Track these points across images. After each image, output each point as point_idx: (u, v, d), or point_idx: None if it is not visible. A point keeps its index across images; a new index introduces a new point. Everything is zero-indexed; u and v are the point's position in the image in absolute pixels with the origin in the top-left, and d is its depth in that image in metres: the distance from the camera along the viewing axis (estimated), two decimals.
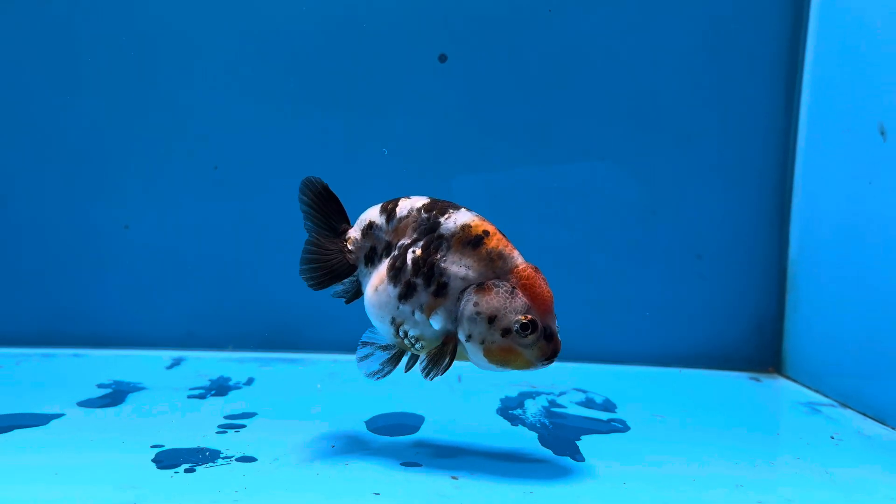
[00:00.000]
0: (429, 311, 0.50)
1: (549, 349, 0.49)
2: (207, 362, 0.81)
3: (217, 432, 0.58)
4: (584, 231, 0.87)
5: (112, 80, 0.84)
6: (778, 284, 0.86)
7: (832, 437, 0.61)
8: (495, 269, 0.49)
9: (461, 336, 0.50)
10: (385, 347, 0.55)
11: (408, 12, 0.85)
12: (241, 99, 0.85)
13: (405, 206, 0.53)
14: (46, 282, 0.85)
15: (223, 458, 0.52)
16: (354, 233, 0.56)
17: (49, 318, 0.85)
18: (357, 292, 0.57)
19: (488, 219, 0.52)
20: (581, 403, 0.70)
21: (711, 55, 0.85)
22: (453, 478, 0.50)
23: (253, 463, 0.51)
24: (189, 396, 0.67)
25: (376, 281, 0.53)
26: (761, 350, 0.86)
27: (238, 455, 0.53)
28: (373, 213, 0.55)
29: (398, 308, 0.52)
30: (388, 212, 0.54)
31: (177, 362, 0.80)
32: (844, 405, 0.71)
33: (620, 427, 0.63)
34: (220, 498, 0.45)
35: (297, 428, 0.60)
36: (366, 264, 0.55)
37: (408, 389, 0.73)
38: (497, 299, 0.49)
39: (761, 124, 0.85)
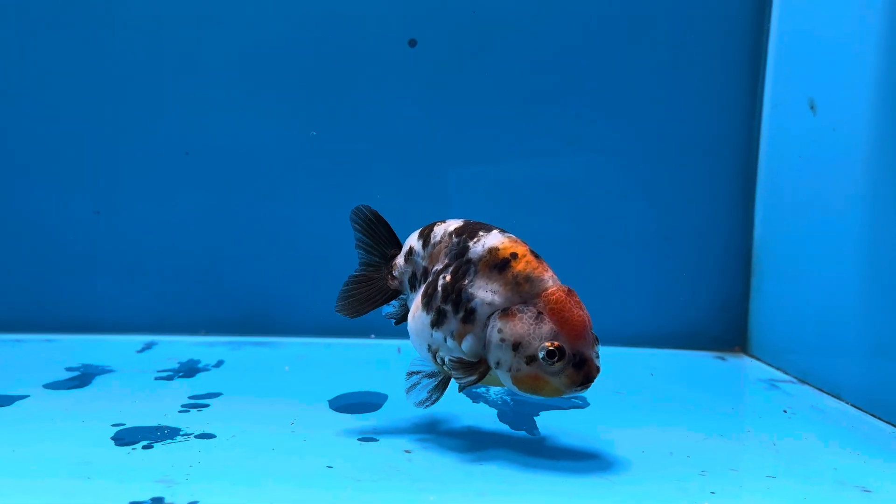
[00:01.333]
0: (459, 338, 0.49)
1: (579, 377, 0.46)
2: (179, 346, 0.81)
3: (180, 411, 0.58)
4: (553, 214, 0.88)
5: (82, 67, 0.85)
6: (744, 265, 0.87)
7: (784, 411, 0.63)
8: (522, 293, 0.47)
9: (491, 362, 0.48)
10: (431, 375, 0.53)
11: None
12: (213, 84, 0.86)
13: (439, 230, 0.53)
14: (18, 268, 0.86)
15: (182, 436, 0.53)
16: (399, 259, 0.56)
17: (21, 304, 0.86)
18: (405, 315, 0.56)
19: (519, 238, 0.50)
20: None
21: (677, 42, 0.86)
22: (406, 451, 0.51)
23: (211, 440, 0.52)
24: (156, 378, 0.68)
25: (414, 308, 0.52)
26: (728, 329, 0.88)
27: (197, 432, 0.53)
28: (412, 239, 0.55)
29: (432, 335, 0.51)
30: (424, 237, 0.53)
31: (148, 346, 0.81)
32: (803, 381, 0.72)
33: (580, 404, 0.64)
34: (174, 473, 0.46)
35: (260, 407, 0.61)
36: (411, 289, 0.55)
37: (376, 370, 0.74)
38: (521, 325, 0.46)
39: (727, 108, 0.86)
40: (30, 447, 0.50)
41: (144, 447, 0.50)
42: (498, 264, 0.48)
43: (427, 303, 0.51)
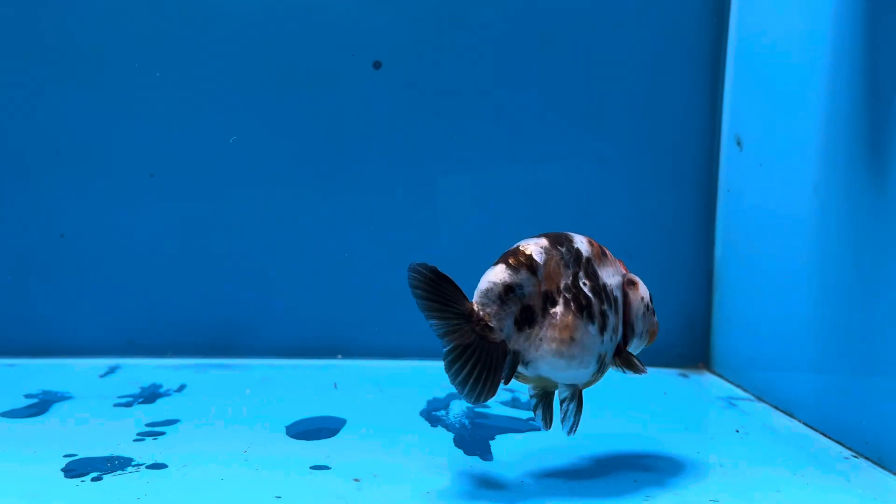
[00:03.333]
0: (617, 331, 0.53)
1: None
2: (143, 370, 0.81)
3: (135, 440, 0.59)
4: (517, 230, 0.88)
5: (45, 87, 0.85)
6: (706, 283, 0.88)
7: (737, 431, 0.63)
8: (616, 263, 0.55)
9: (637, 334, 0.55)
10: (544, 395, 0.54)
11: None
12: (179, 103, 0.86)
13: (535, 251, 0.50)
14: None
15: (133, 466, 0.53)
16: (487, 307, 0.48)
17: None
18: (514, 365, 0.50)
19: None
20: (506, 403, 0.72)
21: (639, 60, 0.87)
22: (356, 480, 0.51)
23: (162, 470, 0.52)
24: (115, 405, 0.68)
25: (566, 332, 0.49)
26: (692, 346, 0.89)
27: (149, 462, 0.54)
28: (501, 277, 0.49)
29: (602, 342, 0.50)
30: (524, 266, 0.49)
31: (111, 370, 0.81)
32: (760, 399, 0.73)
33: (538, 427, 0.65)
34: None
35: (216, 434, 0.61)
36: (519, 329, 0.49)
37: (336, 395, 0.74)
38: (642, 285, 0.56)
39: (688, 128, 0.88)
40: None
41: (93, 479, 0.50)
42: (600, 251, 0.54)
43: (588, 314, 0.49)
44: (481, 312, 0.48)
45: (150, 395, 0.72)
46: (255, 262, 0.88)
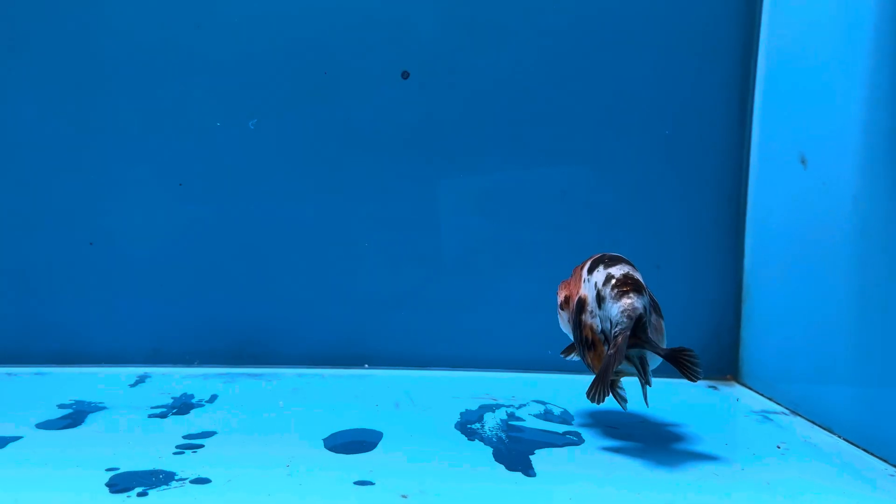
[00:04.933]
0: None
1: None
2: (172, 379, 0.81)
3: (174, 453, 0.58)
4: (544, 238, 0.88)
5: (76, 95, 0.85)
6: (734, 294, 0.88)
7: (778, 447, 0.63)
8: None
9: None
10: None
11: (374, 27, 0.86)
12: (206, 111, 0.86)
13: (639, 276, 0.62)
14: (10, 299, 0.86)
15: (177, 481, 0.53)
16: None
17: (13, 335, 0.85)
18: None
19: None
20: (539, 416, 0.71)
21: (667, 67, 0.87)
22: (403, 496, 0.51)
23: (206, 485, 0.52)
24: (150, 416, 0.68)
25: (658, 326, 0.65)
26: (720, 358, 0.88)
27: (192, 477, 0.53)
28: (637, 300, 0.59)
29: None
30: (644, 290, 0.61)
31: (141, 380, 0.81)
32: (795, 413, 0.73)
33: (575, 440, 0.65)
34: None
35: (255, 447, 0.61)
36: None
37: (371, 403, 0.74)
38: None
39: (717, 136, 0.87)
40: (26, 494, 0.50)
41: (139, 494, 0.50)
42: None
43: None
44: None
45: (183, 405, 0.72)
46: (281, 270, 0.88)
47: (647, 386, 0.62)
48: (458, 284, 0.89)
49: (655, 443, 0.65)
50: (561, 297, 0.69)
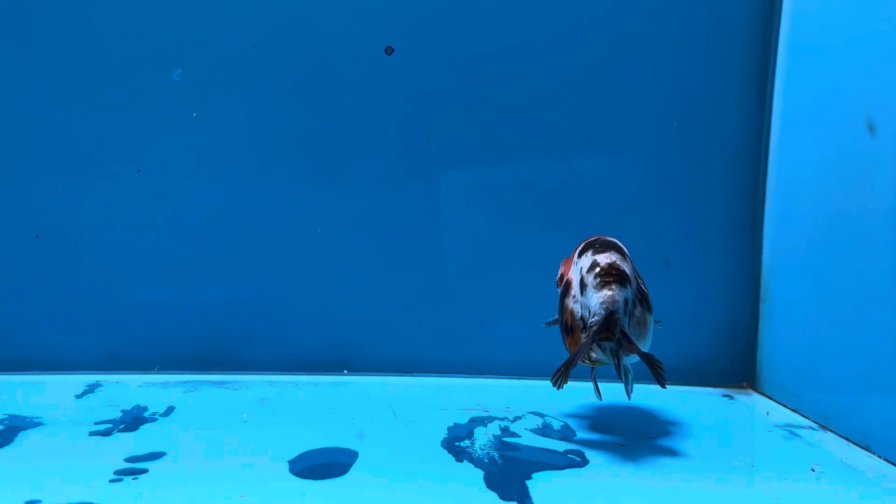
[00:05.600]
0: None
1: None
2: (126, 389, 0.73)
3: (111, 480, 0.50)
4: (541, 233, 0.80)
5: (21, 80, 0.76)
6: (751, 292, 0.79)
7: (812, 470, 0.55)
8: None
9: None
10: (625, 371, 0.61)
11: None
12: (167, 97, 0.77)
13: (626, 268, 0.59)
14: None
15: None
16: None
17: None
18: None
19: None
20: (536, 431, 0.63)
21: (680, 54, 0.78)
22: None
23: None
24: (91, 433, 0.59)
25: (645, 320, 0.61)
26: (735, 363, 0.80)
27: None
28: (619, 292, 0.57)
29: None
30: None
31: (90, 389, 0.72)
32: (825, 427, 0.65)
33: (578, 461, 0.57)
34: None
35: (205, 473, 0.52)
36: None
37: (347, 415, 0.65)
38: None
39: (732, 120, 0.79)
40: None
41: None
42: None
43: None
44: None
45: (133, 419, 0.63)
46: (253, 267, 0.79)
47: (623, 383, 0.60)
48: (447, 283, 0.80)
49: (669, 464, 0.56)
50: (559, 274, 0.66)
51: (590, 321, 0.57)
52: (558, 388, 0.56)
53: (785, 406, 0.72)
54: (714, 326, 0.80)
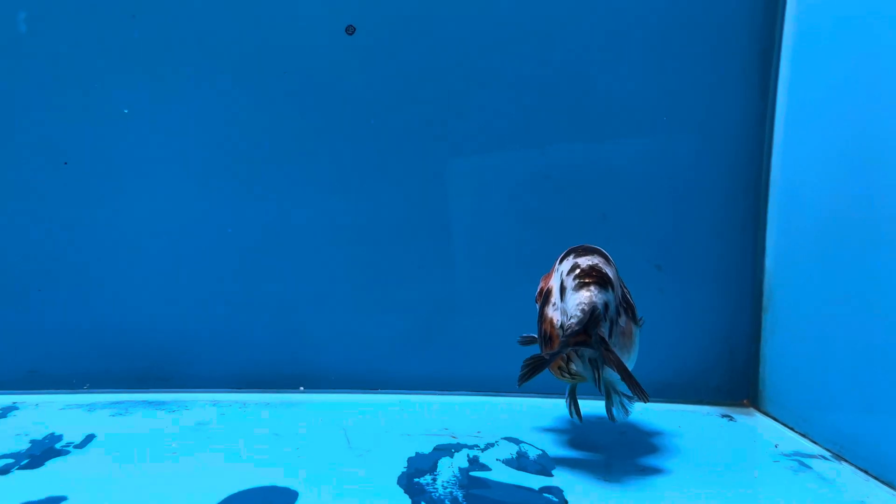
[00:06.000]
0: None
1: None
2: (46, 412, 0.64)
3: None
4: (517, 233, 0.72)
5: None
6: (752, 299, 0.71)
7: None
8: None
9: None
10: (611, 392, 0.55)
11: None
12: (99, 82, 0.69)
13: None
14: None
15: None
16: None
17: None
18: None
19: None
20: (510, 462, 0.55)
21: (674, 44, 0.70)
22: None
23: None
24: None
25: (630, 334, 0.56)
26: (733, 378, 0.72)
27: None
28: (598, 294, 0.52)
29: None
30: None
31: (3, 414, 0.63)
32: (839, 457, 0.57)
33: (556, 501, 0.48)
34: None
35: None
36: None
37: (290, 450, 0.57)
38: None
39: (731, 112, 0.71)
40: None
41: None
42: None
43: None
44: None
45: (42, 452, 0.54)
46: (198, 273, 0.71)
47: (606, 402, 0.54)
48: (414, 290, 0.72)
49: (665, 498, 0.48)
50: (538, 289, 0.60)
51: (567, 323, 0.51)
52: (519, 385, 0.52)
53: (792, 429, 0.64)
54: (711, 337, 0.72)
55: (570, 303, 0.53)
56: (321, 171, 0.71)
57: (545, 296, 0.57)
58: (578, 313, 0.50)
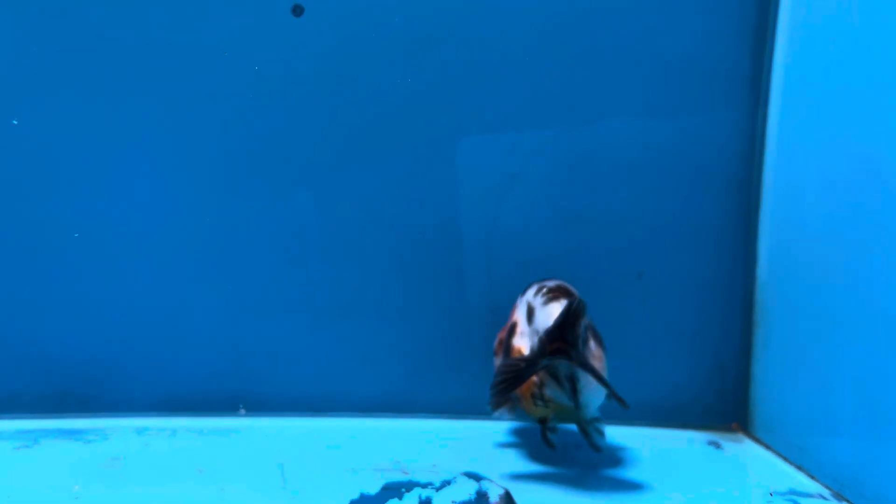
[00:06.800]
0: None
1: None
2: None
3: None
4: (479, 241, 0.64)
5: None
6: (741, 312, 0.64)
7: None
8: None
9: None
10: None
11: None
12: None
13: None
14: None
15: None
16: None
17: None
18: None
19: None
20: None
21: (660, 30, 0.63)
22: None
23: None
24: None
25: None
26: (722, 400, 0.65)
27: None
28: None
29: None
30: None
31: None
32: (840, 497, 0.50)
33: None
34: None
35: None
36: None
37: (215, 489, 0.49)
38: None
39: (720, 105, 0.64)
40: None
41: None
42: None
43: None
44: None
45: None
46: (124, 281, 0.63)
47: (584, 429, 0.53)
48: (367, 298, 0.65)
49: None
50: (497, 340, 0.57)
51: (542, 331, 0.48)
52: (493, 410, 0.50)
53: (786, 460, 0.57)
54: (696, 354, 0.65)
55: (539, 318, 0.50)
56: (271, 167, 0.63)
57: (510, 331, 0.54)
58: (551, 322, 0.47)
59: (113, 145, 0.62)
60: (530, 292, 0.54)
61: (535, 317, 0.51)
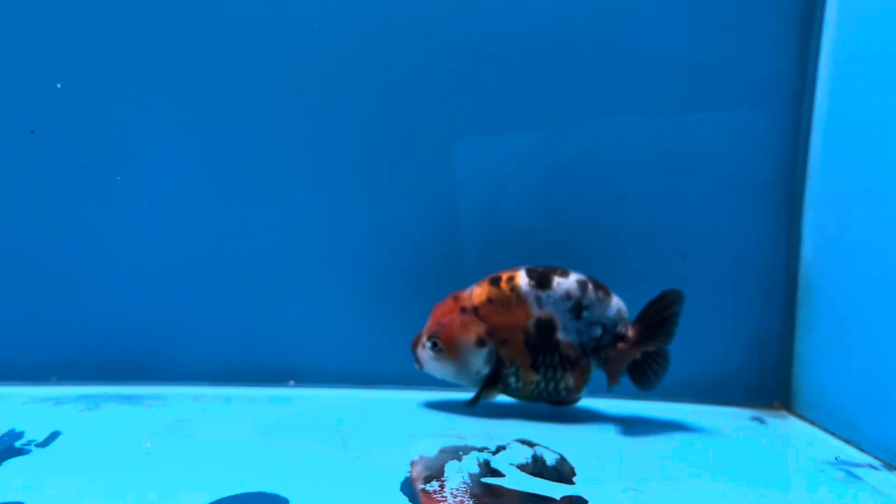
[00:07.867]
0: None
1: None
2: (10, 405, 0.58)
3: None
4: (529, 223, 0.66)
5: None
6: (784, 292, 0.66)
7: None
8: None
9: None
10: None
11: None
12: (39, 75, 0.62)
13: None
14: None
15: None
16: None
17: None
18: None
19: None
20: (524, 467, 0.49)
21: (703, 19, 0.65)
22: None
23: None
24: None
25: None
26: (764, 378, 0.66)
27: None
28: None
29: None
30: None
31: None
32: (891, 467, 0.51)
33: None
34: None
35: None
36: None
37: (281, 449, 0.51)
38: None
39: (764, 82, 0.65)
40: None
41: None
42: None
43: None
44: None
45: (0, 451, 0.48)
46: (178, 257, 0.65)
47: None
48: (414, 277, 0.66)
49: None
50: (435, 331, 0.59)
51: (617, 330, 0.58)
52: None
53: (833, 434, 0.58)
54: (739, 334, 0.67)
55: (609, 311, 0.58)
56: (312, 164, 0.65)
57: (540, 327, 0.57)
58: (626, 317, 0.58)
59: (171, 123, 0.64)
60: (562, 288, 0.57)
61: (592, 311, 0.57)
